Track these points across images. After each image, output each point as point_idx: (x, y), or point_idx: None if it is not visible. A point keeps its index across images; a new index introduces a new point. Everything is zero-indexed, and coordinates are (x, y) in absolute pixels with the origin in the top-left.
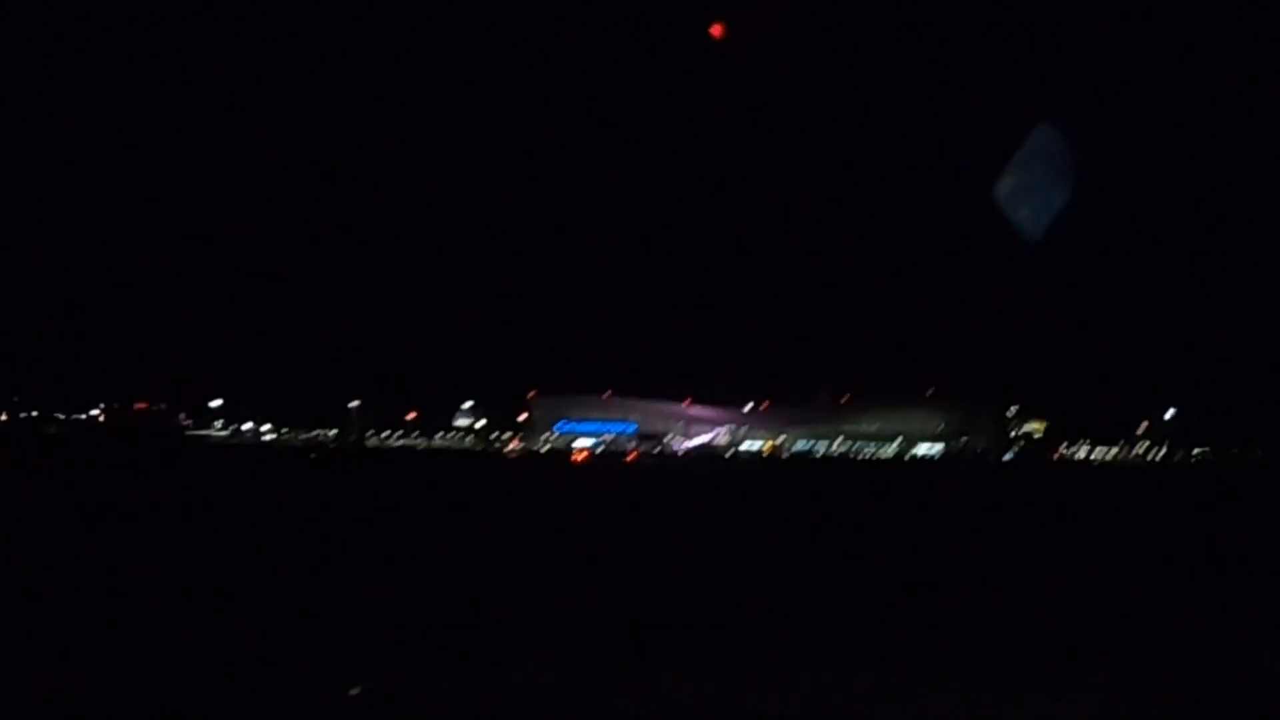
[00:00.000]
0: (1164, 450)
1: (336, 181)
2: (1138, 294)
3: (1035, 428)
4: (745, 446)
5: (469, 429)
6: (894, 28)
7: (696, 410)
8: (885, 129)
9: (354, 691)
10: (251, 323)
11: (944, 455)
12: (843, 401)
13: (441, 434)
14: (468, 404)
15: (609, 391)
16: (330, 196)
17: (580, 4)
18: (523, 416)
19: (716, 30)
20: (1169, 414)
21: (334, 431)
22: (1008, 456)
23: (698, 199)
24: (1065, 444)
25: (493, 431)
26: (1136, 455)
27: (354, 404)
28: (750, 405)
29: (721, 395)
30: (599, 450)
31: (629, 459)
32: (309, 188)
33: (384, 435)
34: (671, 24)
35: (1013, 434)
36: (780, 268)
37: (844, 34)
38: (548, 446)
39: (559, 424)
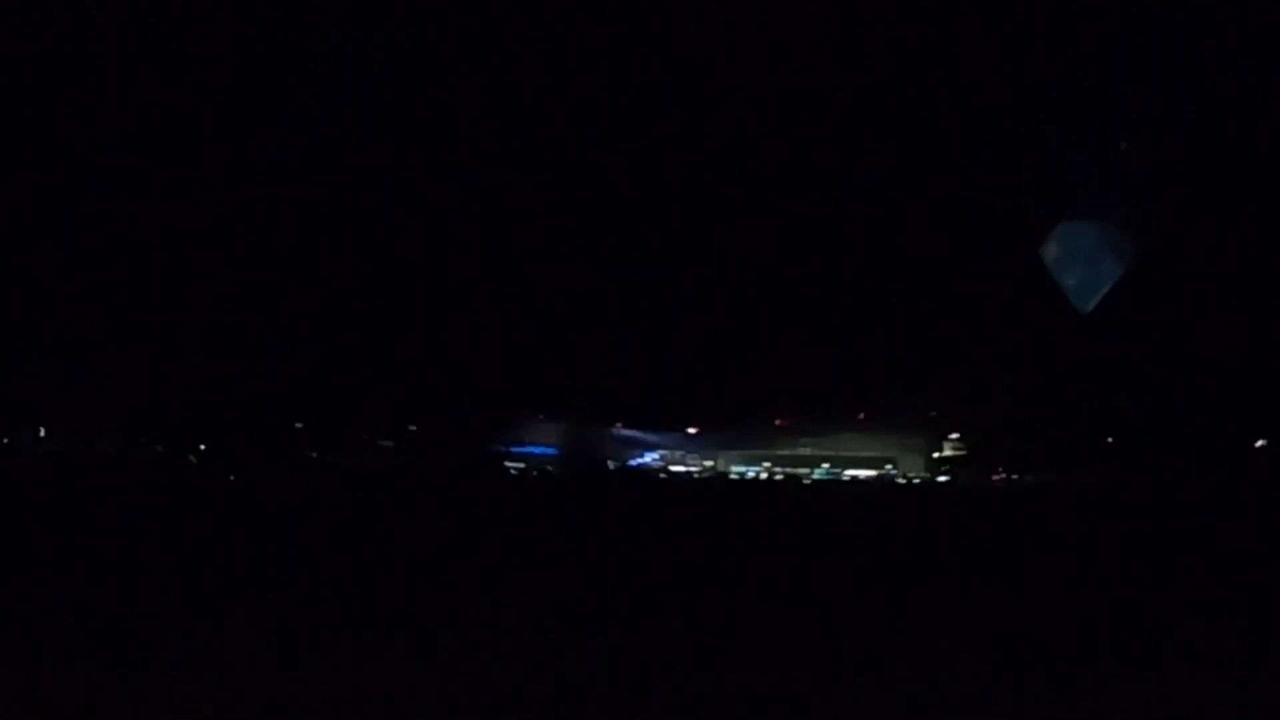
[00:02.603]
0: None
1: (265, 193)
2: (1076, 319)
3: (957, 451)
4: (678, 469)
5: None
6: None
7: (626, 433)
8: (815, 149)
9: None
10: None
11: (875, 478)
12: (777, 424)
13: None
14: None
15: (539, 415)
16: (254, 207)
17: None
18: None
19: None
20: (1109, 440)
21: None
22: (941, 479)
23: (626, 226)
24: (1002, 468)
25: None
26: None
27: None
28: (683, 428)
29: (653, 419)
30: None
31: None
32: (233, 197)
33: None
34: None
35: (936, 456)
36: (711, 292)
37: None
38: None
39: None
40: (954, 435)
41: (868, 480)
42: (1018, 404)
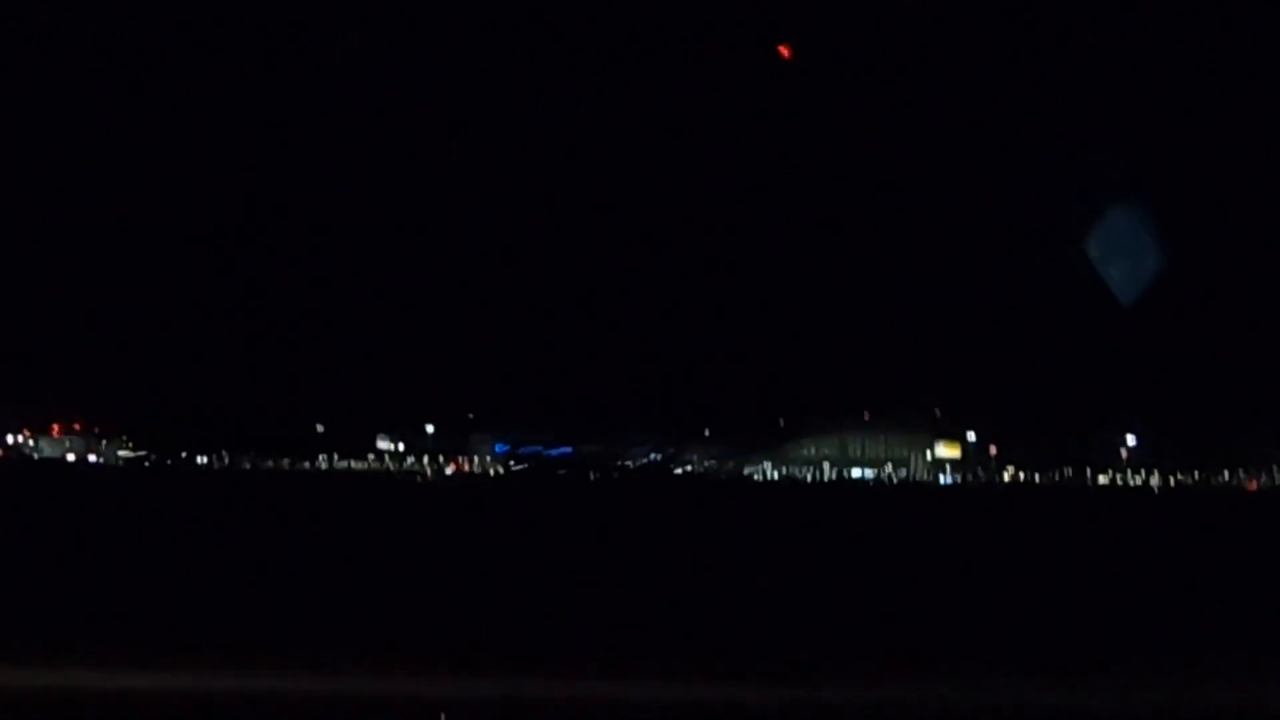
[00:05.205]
0: (1140, 476)
1: (262, 188)
2: (1086, 319)
3: (952, 453)
4: (683, 469)
5: (391, 452)
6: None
7: (636, 433)
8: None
9: None
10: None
11: (876, 478)
12: (781, 424)
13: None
14: (431, 427)
15: (550, 415)
16: (257, 202)
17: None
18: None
19: (785, 51)
20: (1131, 440)
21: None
22: (945, 480)
23: (635, 223)
24: (1012, 468)
25: (424, 455)
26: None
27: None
28: (690, 428)
29: (661, 418)
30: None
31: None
32: (233, 193)
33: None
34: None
35: (939, 457)
36: (717, 291)
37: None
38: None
39: (497, 446)
40: (968, 435)
41: (872, 480)
42: (1025, 403)
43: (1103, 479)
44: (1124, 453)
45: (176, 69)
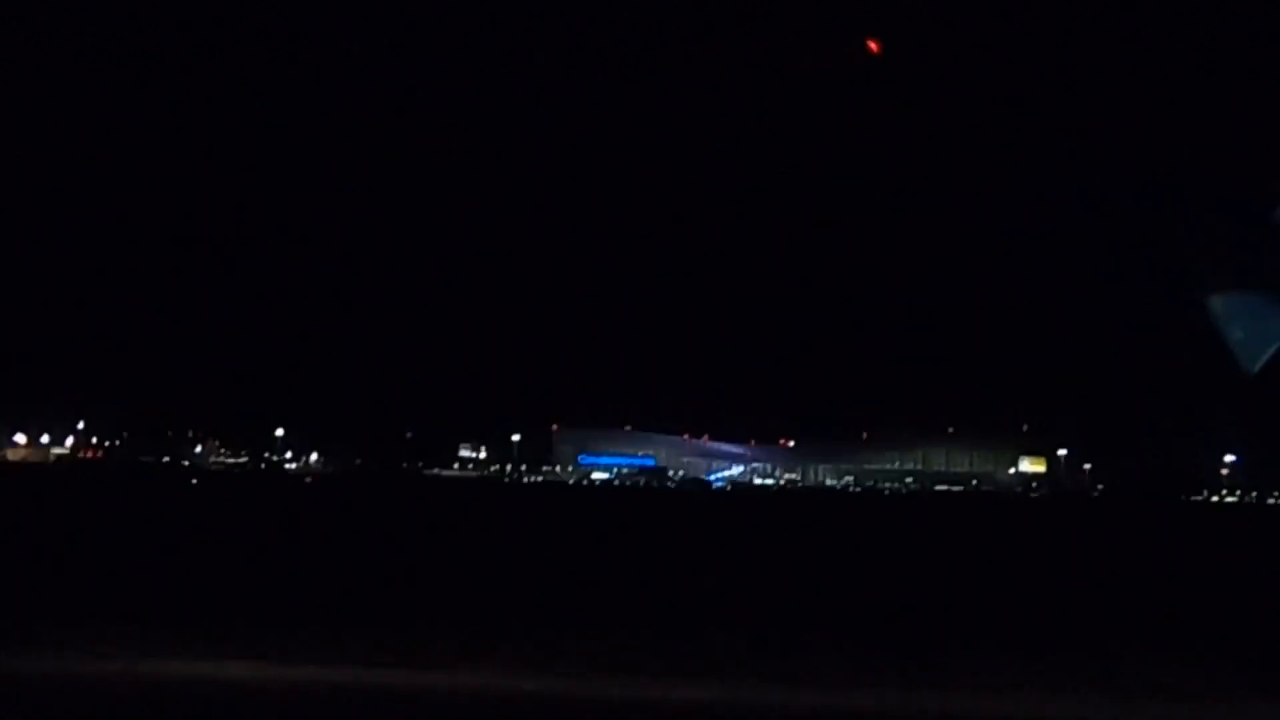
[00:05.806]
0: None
1: (331, 194)
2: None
3: (1037, 468)
4: (763, 480)
5: (474, 461)
6: None
7: (715, 445)
8: (903, 161)
9: None
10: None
11: (962, 491)
12: (864, 438)
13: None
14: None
15: (628, 426)
16: (330, 214)
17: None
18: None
19: (874, 46)
20: (1230, 459)
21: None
22: (1033, 494)
23: (716, 235)
24: (1102, 485)
25: (507, 464)
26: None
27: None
28: (770, 441)
29: (741, 431)
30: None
31: None
32: (299, 192)
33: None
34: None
35: (1023, 471)
36: (800, 304)
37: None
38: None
39: (581, 457)
40: (1058, 451)
41: (959, 493)
42: (1112, 419)
43: (1198, 498)
44: (1223, 472)
45: (178, 69)
